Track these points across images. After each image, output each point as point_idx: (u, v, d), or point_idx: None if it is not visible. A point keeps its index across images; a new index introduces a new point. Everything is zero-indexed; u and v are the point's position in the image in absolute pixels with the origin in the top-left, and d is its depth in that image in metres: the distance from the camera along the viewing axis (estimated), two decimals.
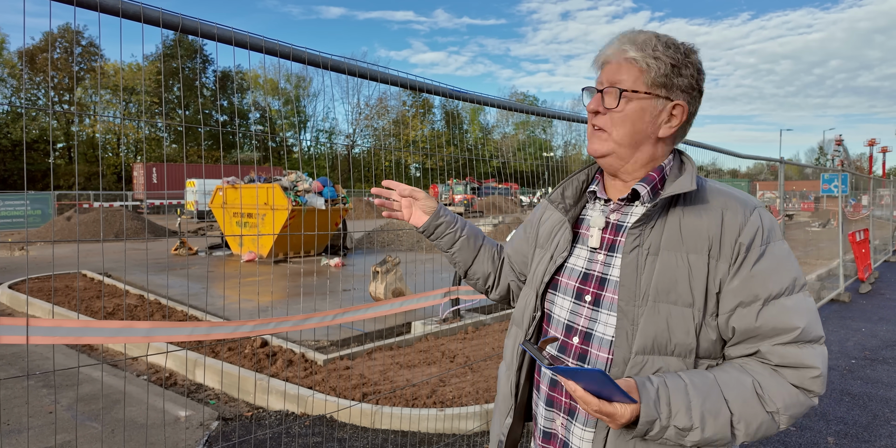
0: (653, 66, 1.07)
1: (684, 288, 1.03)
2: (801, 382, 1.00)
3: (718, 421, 0.97)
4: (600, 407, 0.94)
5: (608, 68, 1.12)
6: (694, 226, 1.06)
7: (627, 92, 1.08)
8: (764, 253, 1.03)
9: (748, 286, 1.02)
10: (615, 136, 1.10)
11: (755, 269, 1.02)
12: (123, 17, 1.66)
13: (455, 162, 3.73)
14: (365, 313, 2.00)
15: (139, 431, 3.66)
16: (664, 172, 1.14)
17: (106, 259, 11.88)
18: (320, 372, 4.49)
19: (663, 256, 1.05)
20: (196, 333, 1.45)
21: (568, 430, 1.14)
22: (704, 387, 0.98)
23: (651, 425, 0.96)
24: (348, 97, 54.08)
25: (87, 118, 42.58)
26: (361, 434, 3.60)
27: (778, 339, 1.00)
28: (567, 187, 1.27)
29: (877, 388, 4.50)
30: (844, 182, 11.07)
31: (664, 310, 1.03)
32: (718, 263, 1.03)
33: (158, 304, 6.98)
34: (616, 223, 1.16)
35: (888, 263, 12.60)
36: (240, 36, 1.89)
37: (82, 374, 4.84)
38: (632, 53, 1.08)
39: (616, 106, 1.09)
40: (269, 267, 10.84)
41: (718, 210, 1.07)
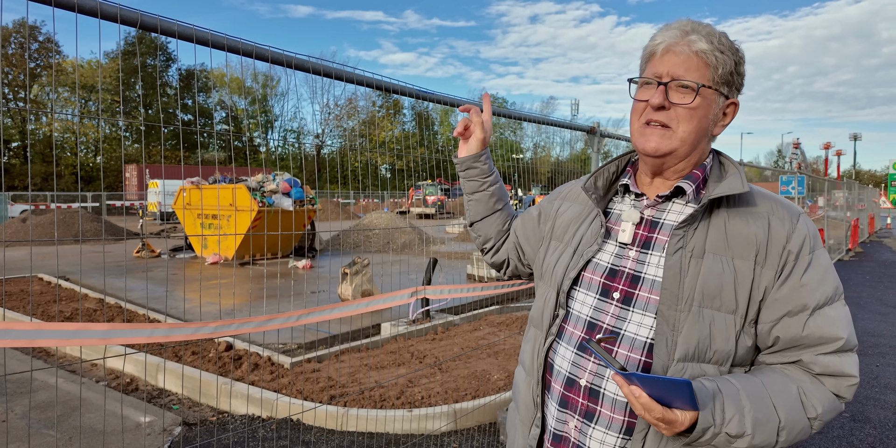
0: (720, 61, 1.03)
1: (729, 294, 1.00)
2: (838, 390, 1.00)
3: (768, 428, 0.95)
4: (664, 414, 0.90)
5: (671, 59, 1.04)
6: (740, 230, 1.03)
7: (705, 88, 1.03)
8: (811, 262, 1.02)
9: (797, 295, 1.00)
10: (681, 134, 1.04)
11: (805, 279, 1.00)
12: (80, 12, 1.61)
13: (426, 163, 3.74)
14: (331, 313, 1.99)
15: (98, 438, 3.55)
16: (706, 172, 1.10)
17: (64, 262, 11.49)
18: (287, 375, 4.43)
19: (708, 260, 1.02)
20: (156, 335, 1.41)
21: (584, 433, 1.08)
22: (756, 394, 0.96)
23: (705, 432, 0.93)
24: (317, 97, 53.52)
25: (43, 116, 41.14)
26: (329, 436, 3.57)
27: (821, 348, 0.99)
28: (599, 177, 1.20)
29: None
30: (801, 184, 11.47)
31: (708, 316, 1.00)
32: (764, 270, 1.01)
33: (119, 308, 6.78)
34: (651, 219, 1.11)
35: (842, 262, 13.09)
36: (201, 33, 1.86)
37: (38, 380, 4.67)
38: (701, 45, 1.02)
39: (690, 102, 1.02)
40: (235, 269, 10.64)
41: (765, 215, 1.04)
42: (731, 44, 1.05)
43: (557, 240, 1.24)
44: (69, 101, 43.44)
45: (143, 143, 12.80)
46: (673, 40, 1.05)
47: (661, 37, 1.07)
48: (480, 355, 5.03)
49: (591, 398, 1.07)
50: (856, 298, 8.41)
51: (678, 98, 1.03)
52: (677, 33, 1.05)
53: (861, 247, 16.73)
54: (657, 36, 1.08)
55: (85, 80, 43.87)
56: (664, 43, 1.06)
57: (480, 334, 5.82)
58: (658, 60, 1.06)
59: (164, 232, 18.03)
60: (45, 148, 42.14)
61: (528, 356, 1.21)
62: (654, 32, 1.10)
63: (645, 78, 1.08)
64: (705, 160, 1.12)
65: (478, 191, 1.42)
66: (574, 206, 1.26)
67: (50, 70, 42.28)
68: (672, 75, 1.03)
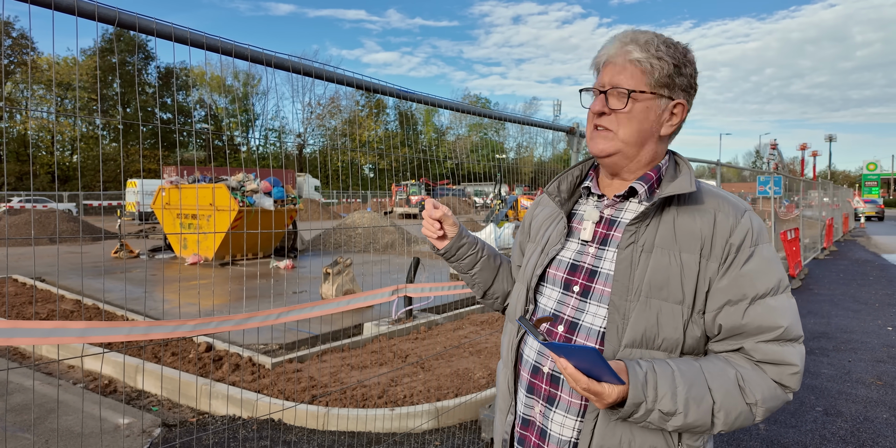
0: (656, 67, 1.10)
1: (676, 285, 1.07)
2: (780, 378, 1.05)
3: (701, 408, 1.00)
4: (589, 385, 0.95)
5: (610, 69, 1.13)
6: (688, 226, 1.10)
7: (635, 92, 1.11)
8: (753, 254, 1.08)
9: (737, 285, 1.06)
10: (621, 136, 1.12)
11: (744, 269, 1.06)
12: (56, 9, 1.60)
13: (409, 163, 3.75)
14: (311, 312, 1.99)
15: (76, 441, 3.51)
16: (661, 172, 1.17)
17: (40, 263, 11.27)
18: (268, 375, 4.41)
19: (657, 254, 1.09)
20: (134, 333, 1.41)
21: (546, 417, 1.16)
22: (690, 374, 1.02)
23: (637, 407, 0.98)
24: (299, 96, 53.13)
25: (17, 114, 40.25)
26: (310, 436, 3.56)
27: (762, 336, 1.05)
28: (562, 181, 1.28)
29: (804, 376, 4.77)
30: (778, 184, 11.68)
31: (655, 305, 1.06)
32: (709, 263, 1.07)
33: (96, 309, 6.68)
34: (609, 218, 1.19)
35: (817, 261, 13.37)
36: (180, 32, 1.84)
37: (13, 383, 4.58)
38: (636, 55, 1.11)
39: (623, 107, 1.11)
40: (216, 270, 10.54)
41: (711, 211, 1.11)
42: (670, 49, 1.12)
43: (533, 241, 1.33)
44: (44, 98, 42.57)
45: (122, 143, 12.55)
46: (613, 52, 1.14)
47: (603, 50, 1.17)
48: (463, 354, 5.06)
49: (553, 384, 1.15)
50: (829, 295, 8.60)
51: (616, 104, 1.12)
52: (617, 45, 1.14)
53: (835, 245, 17.10)
54: (601, 49, 1.18)
55: (61, 78, 43.02)
56: (605, 55, 1.15)
57: (463, 333, 5.84)
58: (602, 71, 1.16)
59: (143, 232, 17.77)
60: (19, 146, 41.25)
61: (505, 348, 1.30)
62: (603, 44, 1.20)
63: (587, 88, 1.20)
64: (660, 161, 1.19)
65: (477, 262, 1.40)
66: (546, 209, 1.34)
67: (24, 67, 41.38)
68: (611, 84, 1.12)
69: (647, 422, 1.01)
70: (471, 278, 1.41)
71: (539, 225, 1.32)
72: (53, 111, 39.21)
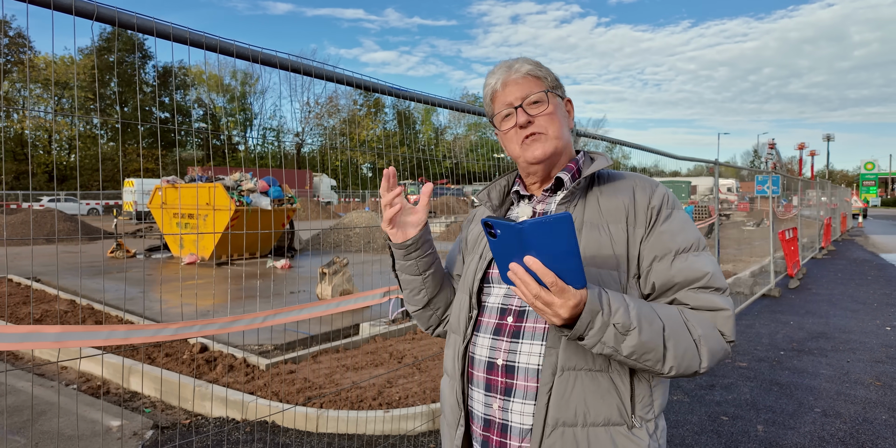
0: (545, 73, 1.26)
1: (608, 253, 1.14)
2: (715, 322, 1.10)
3: (653, 327, 1.02)
4: (556, 280, 0.95)
5: (513, 87, 1.23)
6: (611, 202, 1.20)
7: (549, 93, 1.23)
8: (671, 215, 1.19)
9: (661, 241, 1.15)
10: (552, 133, 1.21)
11: (665, 227, 1.16)
12: (55, 9, 1.60)
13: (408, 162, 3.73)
14: (299, 314, 1.95)
15: (66, 443, 3.47)
16: (579, 165, 1.29)
17: (36, 263, 11.22)
18: (262, 377, 4.37)
19: (587, 229, 1.17)
20: (114, 338, 1.37)
21: (506, 410, 1.16)
22: (637, 300, 1.06)
23: (593, 318, 0.98)
24: (297, 95, 53.02)
25: (14, 114, 40.12)
26: (305, 438, 3.52)
27: (692, 285, 1.12)
28: (491, 190, 1.35)
29: (803, 377, 4.75)
30: (776, 183, 11.66)
31: (594, 273, 1.12)
32: (636, 229, 1.17)
33: (91, 310, 6.64)
34: (542, 211, 1.26)
35: (815, 260, 13.36)
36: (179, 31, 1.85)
37: (6, 385, 4.54)
38: (527, 67, 1.24)
39: (546, 107, 1.22)
40: (211, 269, 10.49)
41: (629, 187, 1.22)
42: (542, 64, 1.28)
43: (470, 252, 1.36)
44: (41, 98, 42.44)
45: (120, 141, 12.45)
46: (504, 75, 1.25)
47: (492, 79, 1.27)
48: None
49: (508, 374, 1.16)
50: (828, 295, 8.58)
51: (535, 110, 1.22)
52: (504, 69, 1.26)
53: (833, 245, 17.09)
54: (488, 80, 1.28)
55: (58, 77, 42.90)
56: (500, 80, 1.25)
57: None
58: (502, 94, 1.25)
59: (140, 231, 17.72)
60: (16, 146, 41.15)
61: (451, 360, 1.29)
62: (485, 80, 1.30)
63: (501, 112, 1.25)
64: (577, 155, 1.31)
65: (433, 263, 1.34)
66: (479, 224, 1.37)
67: (21, 66, 41.27)
68: (521, 98, 1.22)
69: (602, 342, 1.00)
70: (422, 282, 1.33)
71: (475, 237, 1.36)
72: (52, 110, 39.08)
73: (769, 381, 4.67)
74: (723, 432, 3.68)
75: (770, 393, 4.39)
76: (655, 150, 5.62)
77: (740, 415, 3.96)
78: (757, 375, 4.80)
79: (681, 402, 4.20)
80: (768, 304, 7.89)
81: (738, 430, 3.72)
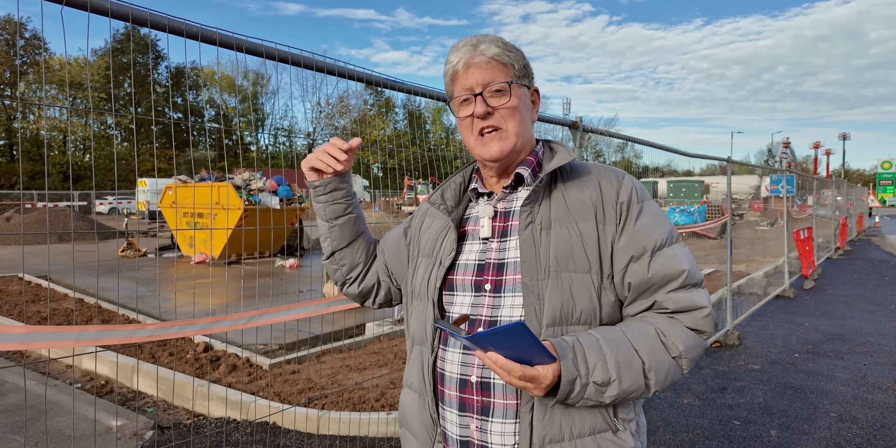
0: (513, 59, 1.15)
1: (580, 254, 1.08)
2: (694, 324, 1.07)
3: (633, 371, 1.00)
4: (524, 372, 0.92)
5: (475, 71, 1.13)
6: (577, 197, 1.13)
7: (514, 84, 1.13)
8: (642, 209, 1.12)
9: (635, 240, 1.09)
10: (511, 129, 1.14)
11: (638, 224, 1.10)
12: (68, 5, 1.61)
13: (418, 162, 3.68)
14: (286, 315, 1.88)
15: (66, 443, 3.44)
16: (539, 156, 1.21)
17: (50, 261, 11.30)
18: (265, 377, 4.33)
19: (555, 229, 1.10)
20: (84, 339, 1.31)
21: (484, 431, 1.09)
22: (615, 340, 1.01)
23: (572, 384, 0.96)
24: (308, 95, 53.24)
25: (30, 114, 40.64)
26: (304, 440, 3.47)
27: (669, 285, 1.07)
28: (446, 190, 1.27)
29: (818, 380, 4.62)
30: (791, 183, 11.46)
31: (566, 278, 1.06)
32: (606, 227, 1.10)
33: (99, 308, 6.65)
34: (504, 211, 1.18)
35: (830, 260, 13.12)
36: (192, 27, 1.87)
37: (8, 383, 4.54)
38: (493, 50, 1.13)
39: (507, 100, 1.13)
40: (221, 268, 10.50)
41: (595, 180, 1.15)
42: (510, 44, 1.17)
43: (426, 256, 1.25)
44: (56, 98, 42.95)
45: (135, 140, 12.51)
46: (468, 55, 1.14)
47: (454, 57, 1.16)
48: None
49: (484, 392, 1.09)
50: (844, 296, 8.40)
51: (495, 102, 1.13)
52: (469, 48, 1.14)
53: (850, 245, 16.80)
54: (451, 57, 1.17)
55: (72, 78, 43.41)
56: (462, 60, 1.14)
57: None
58: (463, 76, 1.14)
59: (151, 230, 17.83)
60: (32, 146, 41.71)
61: (416, 374, 1.20)
62: (448, 56, 1.19)
63: (460, 96, 1.15)
64: (536, 147, 1.22)
65: (342, 215, 1.32)
66: (436, 221, 1.27)
67: (36, 67, 41.79)
68: (482, 84, 1.12)
69: (585, 398, 0.99)
70: (328, 229, 1.33)
71: (432, 239, 1.26)
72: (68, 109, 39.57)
73: (783, 384, 4.55)
74: (734, 437, 3.57)
75: (784, 397, 4.27)
76: (667, 148, 5.50)
77: (753, 419, 3.85)
78: (770, 378, 4.67)
79: (691, 405, 4.09)
80: (782, 305, 7.74)
81: (751, 434, 3.61)
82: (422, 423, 1.18)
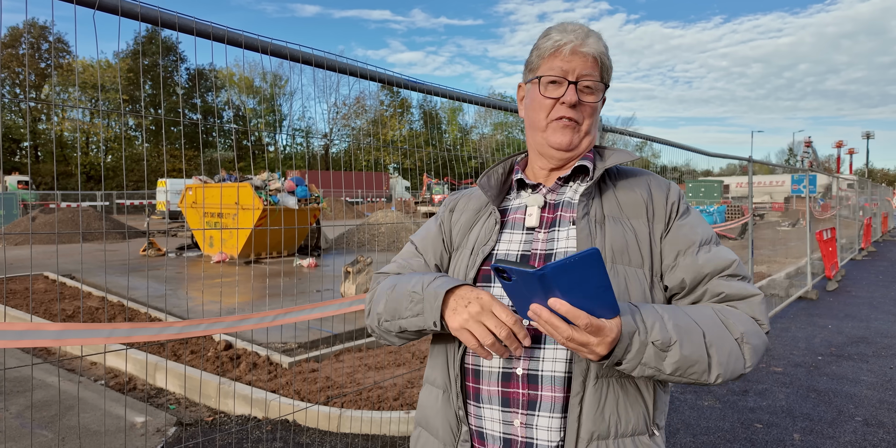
0: (609, 62, 1.16)
1: (634, 249, 1.08)
2: (752, 311, 1.06)
3: (693, 337, 0.95)
4: (590, 320, 0.85)
5: (579, 60, 1.11)
6: (629, 196, 1.15)
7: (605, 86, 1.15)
8: (689, 209, 1.17)
9: (682, 234, 1.11)
10: (585, 128, 1.15)
11: (685, 220, 1.13)
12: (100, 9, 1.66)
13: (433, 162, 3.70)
14: (310, 314, 1.90)
15: (90, 439, 3.51)
16: (594, 155, 1.21)
17: (71, 260, 11.53)
18: (285, 375, 4.37)
19: (609, 224, 1.10)
20: (115, 336, 1.34)
21: (530, 426, 1.03)
22: (670, 308, 0.99)
23: (631, 340, 0.90)
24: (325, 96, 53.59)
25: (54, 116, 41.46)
26: (324, 438, 3.50)
27: (722, 273, 1.08)
28: (490, 177, 1.24)
29: (842, 384, 4.54)
30: (813, 183, 11.27)
31: (622, 271, 1.06)
32: (656, 225, 1.12)
33: (121, 307, 6.76)
34: (553, 202, 1.17)
35: (854, 261, 12.88)
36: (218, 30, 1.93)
37: (36, 379, 4.64)
38: (600, 48, 1.13)
39: (597, 100, 1.14)
40: (240, 268, 10.62)
41: (644, 182, 1.18)
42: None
43: (461, 248, 1.21)
44: (79, 100, 43.78)
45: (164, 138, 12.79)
46: (578, 41, 1.11)
47: (561, 36, 1.12)
48: None
49: (531, 385, 1.04)
50: (868, 298, 8.24)
51: (584, 96, 1.13)
52: (580, 34, 1.12)
53: (874, 246, 16.47)
54: (555, 35, 1.13)
55: (95, 80, 44.22)
56: (570, 43, 1.11)
57: None
58: (564, 59, 1.11)
59: (170, 230, 18.09)
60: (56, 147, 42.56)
61: (441, 370, 1.14)
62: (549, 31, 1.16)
63: (552, 75, 1.12)
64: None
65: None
66: (466, 212, 1.26)
67: (61, 70, 42.62)
68: (579, 75, 1.11)
69: (643, 364, 0.92)
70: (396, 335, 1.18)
71: (463, 230, 1.22)
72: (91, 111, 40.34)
73: (806, 387, 4.48)
74: (756, 440, 3.53)
75: (807, 400, 4.20)
76: (687, 147, 5.45)
77: (775, 422, 3.80)
78: (793, 381, 4.61)
79: (712, 408, 4.05)
80: (805, 307, 7.61)
81: (773, 438, 3.56)
82: (446, 421, 1.12)
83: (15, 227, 16.37)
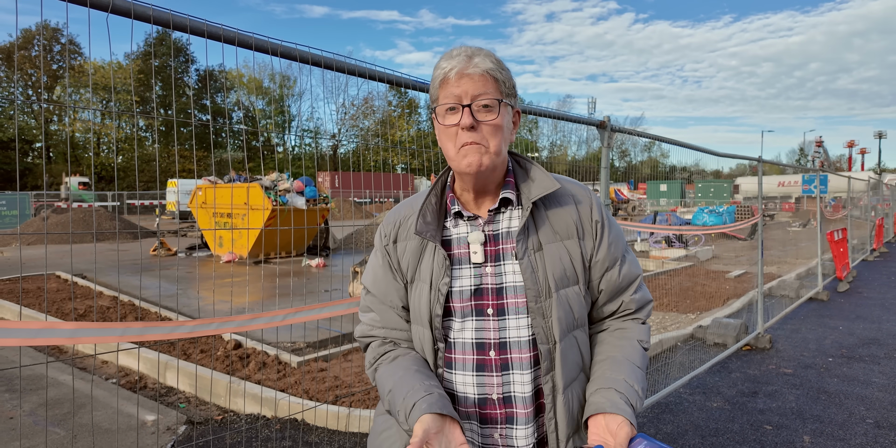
0: (504, 77, 1.16)
1: (570, 270, 1.19)
2: (646, 315, 1.28)
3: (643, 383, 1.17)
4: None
5: (467, 81, 1.11)
6: (560, 218, 1.21)
7: (502, 102, 1.13)
8: (610, 223, 1.26)
9: (609, 254, 1.23)
10: (493, 148, 1.13)
11: (610, 239, 1.24)
12: (113, 12, 1.68)
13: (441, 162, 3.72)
14: (319, 313, 1.92)
15: (102, 437, 3.55)
16: (514, 175, 1.24)
17: (82, 260, 11.65)
18: (294, 374, 4.40)
19: (547, 250, 1.18)
20: (128, 335, 1.36)
21: (510, 436, 1.17)
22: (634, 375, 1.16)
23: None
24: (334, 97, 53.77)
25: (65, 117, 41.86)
26: (332, 437, 3.52)
27: (631, 288, 1.25)
28: (427, 214, 1.22)
29: (853, 385, 4.50)
30: (824, 183, 11.17)
31: (564, 294, 1.17)
32: (585, 242, 1.22)
33: (132, 306, 6.83)
34: (492, 234, 1.20)
35: (866, 262, 12.75)
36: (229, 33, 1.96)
37: (49, 377, 4.69)
38: (488, 64, 1.13)
39: (495, 117, 1.12)
40: (250, 268, 10.69)
41: (569, 197, 1.24)
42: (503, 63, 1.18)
43: (416, 280, 1.23)
44: (91, 101, 44.17)
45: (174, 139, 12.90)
46: (462, 65, 1.12)
47: (447, 64, 1.14)
48: None
49: (506, 405, 1.17)
50: (880, 299, 8.16)
51: (482, 116, 1.12)
52: (463, 58, 1.13)
53: (886, 247, 16.30)
54: (443, 63, 1.15)
55: (106, 82, 44.62)
56: (455, 68, 1.12)
57: None
58: (454, 85, 1.12)
59: (180, 230, 18.21)
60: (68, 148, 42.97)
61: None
62: (439, 61, 1.17)
63: (447, 103, 1.13)
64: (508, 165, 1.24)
65: None
66: (410, 242, 1.25)
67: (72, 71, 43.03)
68: (472, 96, 1.11)
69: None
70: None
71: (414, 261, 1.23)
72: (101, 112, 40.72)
73: (816, 388, 4.45)
74: (766, 442, 3.51)
75: (818, 402, 4.17)
76: (696, 147, 5.42)
77: (785, 424, 3.78)
78: (803, 383, 4.58)
79: (721, 409, 4.03)
80: (815, 308, 7.55)
81: (783, 440, 3.54)
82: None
83: (28, 227, 16.56)
